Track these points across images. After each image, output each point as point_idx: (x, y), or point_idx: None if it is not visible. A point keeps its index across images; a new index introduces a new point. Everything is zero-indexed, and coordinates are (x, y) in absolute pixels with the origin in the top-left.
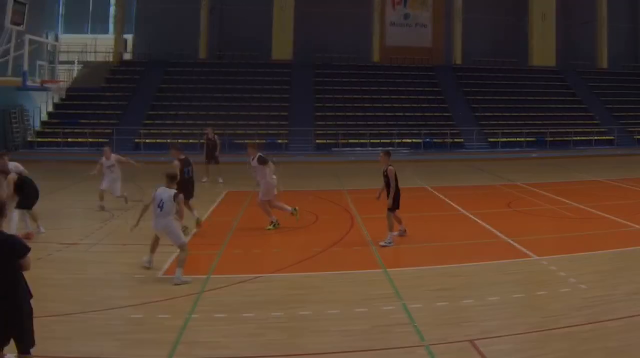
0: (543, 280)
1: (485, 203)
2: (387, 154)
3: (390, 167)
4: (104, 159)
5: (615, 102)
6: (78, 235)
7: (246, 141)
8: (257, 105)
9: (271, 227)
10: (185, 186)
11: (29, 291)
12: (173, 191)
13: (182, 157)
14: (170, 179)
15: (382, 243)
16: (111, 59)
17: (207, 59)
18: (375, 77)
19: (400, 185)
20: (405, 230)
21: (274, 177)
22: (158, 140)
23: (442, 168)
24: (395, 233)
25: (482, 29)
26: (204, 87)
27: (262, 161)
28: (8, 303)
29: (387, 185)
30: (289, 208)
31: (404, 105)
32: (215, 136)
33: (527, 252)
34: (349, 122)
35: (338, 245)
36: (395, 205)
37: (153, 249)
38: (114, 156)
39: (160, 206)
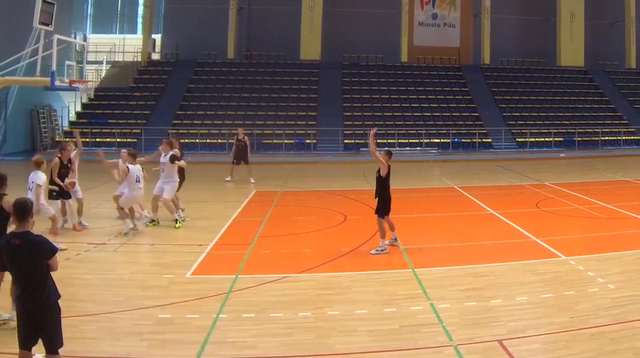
0: (571, 280)
1: (514, 203)
2: (387, 153)
3: (385, 159)
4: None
5: None
6: (106, 235)
7: (274, 141)
8: (285, 105)
9: (179, 225)
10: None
11: (57, 291)
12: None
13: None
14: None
15: (372, 252)
16: (139, 59)
17: (235, 58)
18: (404, 77)
19: (428, 185)
20: (395, 239)
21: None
22: (186, 140)
23: (470, 168)
24: (386, 242)
25: (510, 28)
26: (232, 87)
27: (173, 160)
28: (36, 303)
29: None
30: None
31: (432, 105)
32: (245, 137)
33: (556, 252)
34: (377, 122)
35: (366, 245)
36: (382, 210)
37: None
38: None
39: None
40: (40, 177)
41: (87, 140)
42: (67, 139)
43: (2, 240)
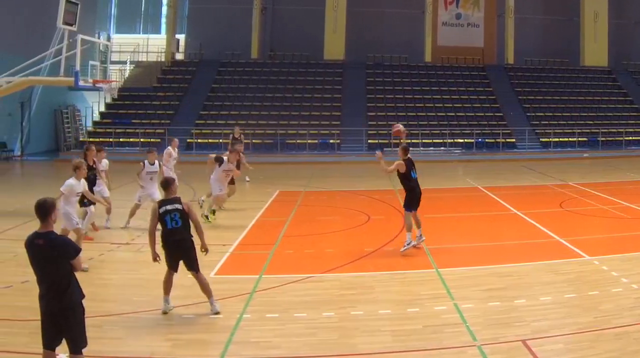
0: (595, 280)
1: (537, 203)
2: (402, 149)
3: (399, 162)
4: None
5: None
6: (129, 235)
7: (298, 141)
8: (309, 105)
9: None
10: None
11: (82, 291)
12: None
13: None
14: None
15: (402, 250)
16: (163, 59)
17: (259, 58)
18: (427, 77)
19: (452, 185)
20: (421, 236)
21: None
22: (210, 140)
23: (493, 168)
24: (413, 242)
25: (533, 28)
26: (256, 87)
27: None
28: (60, 303)
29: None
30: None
31: (455, 105)
32: (242, 136)
33: (579, 252)
34: (401, 122)
35: (390, 245)
36: (409, 203)
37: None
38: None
39: None
40: (66, 184)
41: (110, 140)
42: (90, 139)
43: (26, 240)
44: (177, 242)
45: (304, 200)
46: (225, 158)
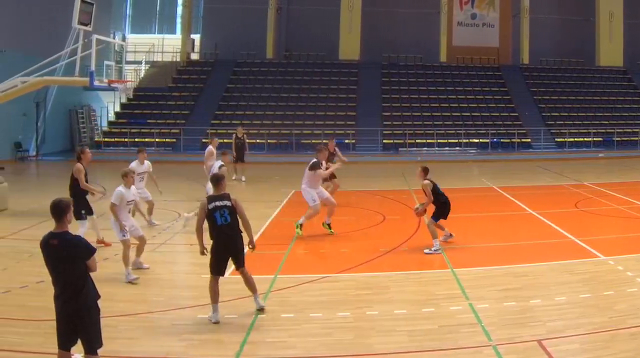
0: (610, 280)
1: (553, 203)
2: (423, 170)
3: (424, 181)
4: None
5: None
6: (146, 235)
7: (313, 141)
8: (324, 105)
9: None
10: None
11: (97, 291)
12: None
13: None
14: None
15: (427, 251)
16: (178, 59)
17: (274, 58)
18: (443, 77)
19: (467, 185)
20: (450, 235)
21: None
22: (226, 140)
23: (509, 168)
24: (441, 238)
25: (549, 28)
26: (271, 87)
27: (313, 168)
28: (75, 303)
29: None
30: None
31: (471, 105)
32: (244, 135)
33: (595, 252)
34: (416, 122)
35: (405, 245)
36: (439, 215)
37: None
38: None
39: None
40: (116, 194)
41: (126, 140)
42: (105, 139)
43: (41, 241)
44: (228, 237)
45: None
46: (318, 160)
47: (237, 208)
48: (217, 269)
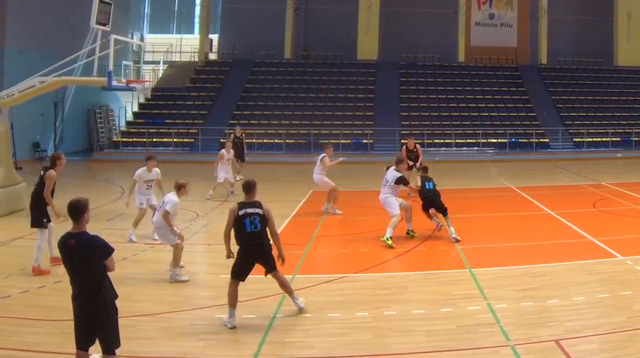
0: (628, 280)
1: (571, 203)
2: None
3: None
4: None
5: None
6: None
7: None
8: (342, 105)
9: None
10: None
11: (115, 291)
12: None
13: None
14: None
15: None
16: (196, 59)
17: (292, 58)
18: (461, 77)
19: (485, 185)
20: (439, 224)
21: None
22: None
23: (527, 168)
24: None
25: (567, 28)
26: (289, 87)
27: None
28: (93, 303)
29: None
30: None
31: (489, 105)
32: (243, 135)
33: (613, 252)
34: (434, 122)
35: (423, 245)
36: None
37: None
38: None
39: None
40: (172, 202)
41: (144, 140)
42: (123, 139)
43: (59, 241)
44: (257, 245)
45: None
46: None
47: (269, 218)
48: (239, 274)
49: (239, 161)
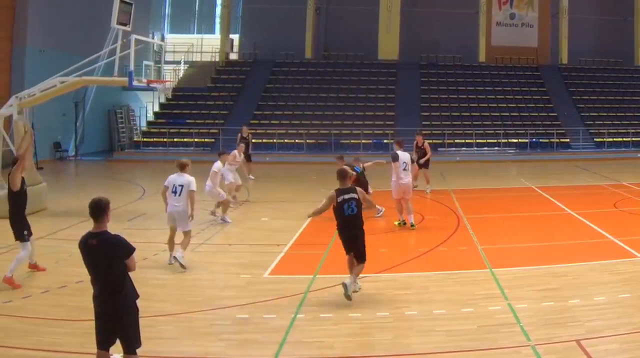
0: None
1: (591, 203)
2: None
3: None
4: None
5: None
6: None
7: (352, 141)
8: (363, 105)
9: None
10: None
11: (136, 291)
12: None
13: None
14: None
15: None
16: (217, 59)
17: (313, 58)
18: (481, 77)
19: (506, 185)
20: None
21: None
22: (264, 140)
23: (547, 168)
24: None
25: (587, 28)
26: (310, 87)
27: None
28: (114, 303)
29: None
30: None
31: (509, 105)
32: (250, 135)
33: (634, 251)
34: (454, 122)
35: (444, 245)
36: None
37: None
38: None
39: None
40: (193, 182)
41: (165, 140)
42: (144, 139)
43: (80, 241)
44: (354, 228)
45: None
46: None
47: (362, 197)
48: (349, 250)
49: (246, 161)
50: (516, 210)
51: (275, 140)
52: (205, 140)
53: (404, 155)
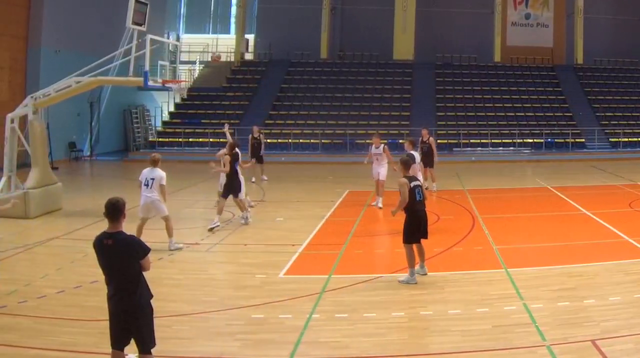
0: None
1: (607, 203)
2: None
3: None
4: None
5: None
6: (199, 235)
7: (367, 141)
8: (378, 105)
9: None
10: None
11: (150, 291)
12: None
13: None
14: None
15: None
16: (232, 59)
17: (329, 58)
18: (497, 77)
19: (521, 185)
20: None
21: None
22: (279, 140)
23: (563, 168)
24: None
25: (603, 28)
26: (325, 87)
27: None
28: (129, 304)
29: None
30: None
31: (525, 105)
32: (261, 135)
33: None
34: (470, 122)
35: (459, 245)
36: None
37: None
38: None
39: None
40: (164, 177)
41: (180, 140)
42: (159, 139)
43: (95, 240)
44: (423, 211)
45: (373, 200)
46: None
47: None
48: (413, 239)
49: (257, 162)
50: (532, 210)
51: (290, 140)
52: (221, 140)
53: (416, 157)
